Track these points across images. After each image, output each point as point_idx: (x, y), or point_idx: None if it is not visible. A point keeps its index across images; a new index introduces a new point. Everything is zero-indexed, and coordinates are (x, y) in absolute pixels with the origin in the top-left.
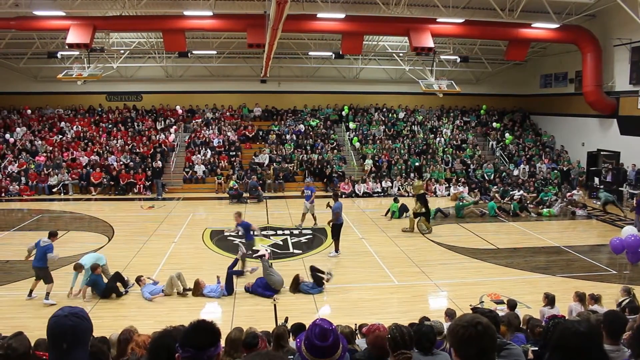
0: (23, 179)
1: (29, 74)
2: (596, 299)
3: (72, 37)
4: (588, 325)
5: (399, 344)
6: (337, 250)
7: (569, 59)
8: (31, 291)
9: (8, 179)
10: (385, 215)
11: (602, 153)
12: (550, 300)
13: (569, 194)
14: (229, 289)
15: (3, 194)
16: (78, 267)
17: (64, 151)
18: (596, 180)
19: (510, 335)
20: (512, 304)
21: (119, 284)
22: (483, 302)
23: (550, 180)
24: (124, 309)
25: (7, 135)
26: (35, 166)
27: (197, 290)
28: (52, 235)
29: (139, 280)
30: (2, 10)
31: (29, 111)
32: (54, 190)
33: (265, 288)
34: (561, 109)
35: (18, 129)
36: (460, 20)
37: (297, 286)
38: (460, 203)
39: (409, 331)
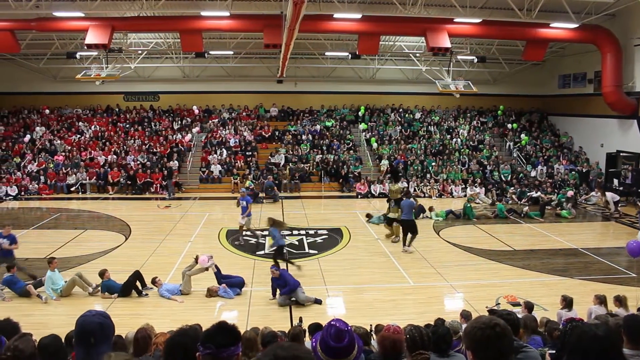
0: (42, 178)
1: (49, 74)
2: (621, 301)
3: (91, 37)
4: (606, 329)
5: (417, 345)
6: (408, 244)
7: (588, 59)
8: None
9: (27, 177)
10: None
11: (621, 154)
12: (568, 302)
13: (584, 196)
14: (238, 285)
15: (23, 193)
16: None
17: (82, 151)
18: (615, 181)
19: (527, 337)
20: (529, 306)
21: (138, 283)
22: (499, 304)
23: (568, 182)
24: (141, 307)
25: (28, 136)
26: (54, 165)
27: (211, 295)
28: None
29: (154, 282)
30: (23, 11)
31: (47, 111)
32: (72, 189)
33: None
34: (580, 110)
35: (37, 129)
36: (478, 20)
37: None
38: (469, 205)
39: (427, 332)
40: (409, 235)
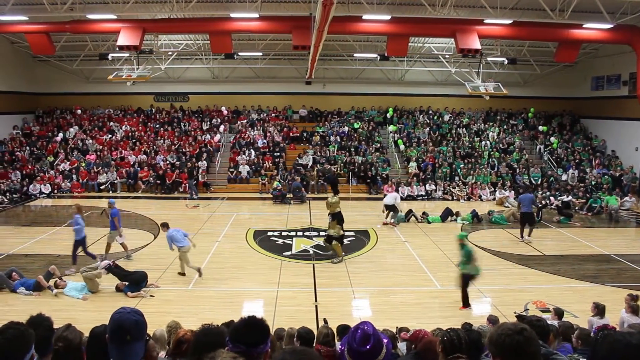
0: (74, 176)
1: (82, 75)
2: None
3: (123, 39)
4: None
5: (455, 348)
6: (529, 234)
7: (623, 60)
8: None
9: (60, 176)
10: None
11: None
12: (600, 310)
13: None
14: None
15: (56, 191)
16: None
17: (113, 150)
18: None
19: (557, 344)
20: (558, 312)
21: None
22: (528, 309)
23: (601, 186)
24: (168, 305)
25: (61, 135)
26: (86, 164)
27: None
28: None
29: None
30: (58, 14)
31: (79, 111)
32: (102, 187)
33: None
34: (613, 112)
35: (71, 129)
36: (509, 22)
37: None
38: (497, 216)
39: (465, 335)
40: (527, 227)
